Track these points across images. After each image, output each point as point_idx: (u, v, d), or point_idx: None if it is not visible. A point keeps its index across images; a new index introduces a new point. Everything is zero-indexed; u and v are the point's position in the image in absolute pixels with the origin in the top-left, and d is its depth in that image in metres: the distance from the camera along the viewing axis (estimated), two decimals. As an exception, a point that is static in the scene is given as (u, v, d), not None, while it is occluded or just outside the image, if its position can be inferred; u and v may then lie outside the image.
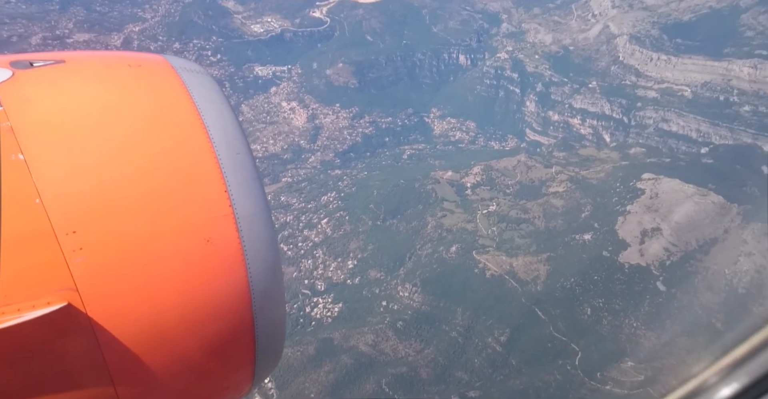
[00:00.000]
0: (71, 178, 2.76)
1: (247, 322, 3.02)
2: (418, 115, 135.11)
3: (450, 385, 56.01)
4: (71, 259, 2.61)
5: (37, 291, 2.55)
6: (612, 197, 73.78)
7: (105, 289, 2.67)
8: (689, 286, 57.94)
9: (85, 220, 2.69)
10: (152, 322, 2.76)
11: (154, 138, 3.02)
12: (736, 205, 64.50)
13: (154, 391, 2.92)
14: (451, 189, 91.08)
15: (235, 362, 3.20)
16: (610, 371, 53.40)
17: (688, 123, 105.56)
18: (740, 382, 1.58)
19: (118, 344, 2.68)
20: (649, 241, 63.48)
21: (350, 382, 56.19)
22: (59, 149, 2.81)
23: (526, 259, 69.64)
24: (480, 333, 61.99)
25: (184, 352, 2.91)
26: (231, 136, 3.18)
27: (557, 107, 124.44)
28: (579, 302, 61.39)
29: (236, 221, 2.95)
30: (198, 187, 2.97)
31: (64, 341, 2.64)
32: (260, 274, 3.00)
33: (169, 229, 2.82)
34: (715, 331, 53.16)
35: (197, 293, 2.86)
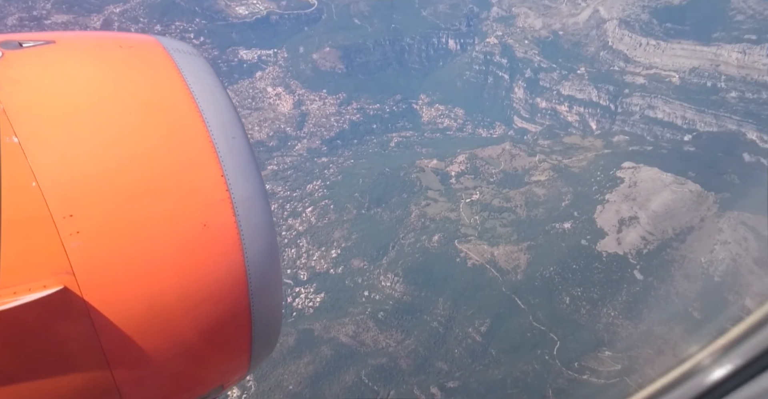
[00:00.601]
0: (67, 161, 2.70)
1: (243, 306, 3.00)
2: (407, 102, 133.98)
3: (430, 375, 56.45)
4: (68, 243, 2.57)
5: (33, 274, 2.52)
6: (592, 186, 73.82)
7: (102, 273, 2.64)
8: (666, 275, 58.39)
9: (82, 203, 2.64)
10: (149, 306, 2.73)
11: (148, 122, 2.96)
12: (713, 193, 64.73)
13: (151, 374, 2.90)
14: (435, 178, 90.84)
15: (231, 347, 3.19)
16: (588, 361, 54.02)
17: (674, 110, 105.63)
18: (733, 364, 1.68)
19: (115, 328, 2.65)
20: (626, 229, 63.72)
21: (329, 374, 56.46)
22: (53, 132, 2.75)
23: (507, 248, 69.79)
24: (460, 323, 62.33)
25: (180, 337, 2.88)
26: (226, 120, 3.13)
27: (545, 94, 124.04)
28: (558, 291, 61.77)
29: (233, 206, 2.92)
30: (194, 171, 2.93)
31: (60, 325, 2.61)
32: (257, 259, 2.97)
33: (165, 213, 2.78)
34: (692, 319, 53.75)
35: (194, 278, 2.83)
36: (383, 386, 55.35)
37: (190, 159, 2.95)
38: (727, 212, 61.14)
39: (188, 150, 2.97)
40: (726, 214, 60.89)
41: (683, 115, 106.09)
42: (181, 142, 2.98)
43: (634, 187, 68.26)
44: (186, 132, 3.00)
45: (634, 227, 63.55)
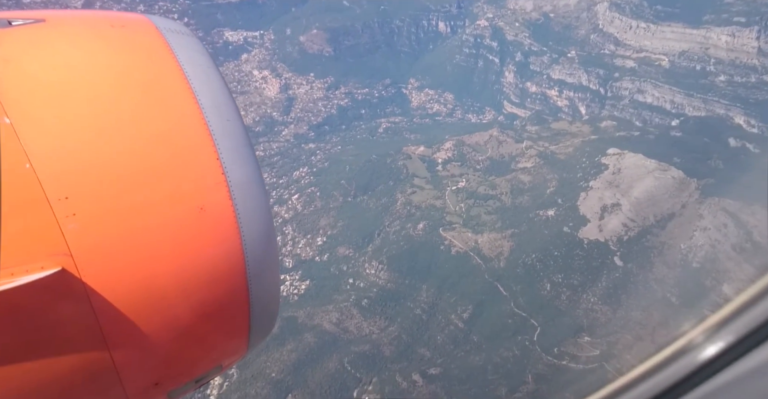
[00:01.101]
0: (60, 143, 2.67)
1: (241, 289, 3.01)
2: (396, 86, 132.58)
3: (412, 362, 57.09)
4: (64, 225, 2.55)
5: (30, 256, 2.51)
6: (577, 173, 73.86)
7: (99, 255, 2.63)
8: (645, 261, 58.88)
9: (77, 185, 2.62)
10: (146, 288, 2.73)
11: (141, 104, 2.91)
12: (696, 179, 64.91)
13: (149, 355, 2.92)
14: (422, 165, 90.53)
15: (230, 328, 3.21)
16: (567, 346, 54.75)
17: (663, 94, 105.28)
18: (725, 341, 1.71)
19: (113, 309, 2.65)
20: (608, 216, 63.98)
21: (313, 361, 56.95)
22: (46, 113, 2.71)
23: (491, 236, 70.04)
24: (444, 310, 62.84)
25: (178, 319, 2.89)
26: (220, 102, 3.09)
27: (535, 78, 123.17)
28: (539, 278, 62.26)
29: (229, 189, 2.90)
30: (189, 154, 2.89)
31: (58, 306, 2.60)
32: (254, 242, 2.98)
33: (161, 196, 2.77)
34: (670, 305, 54.41)
35: (191, 261, 2.83)
36: (366, 373, 55.97)
37: (185, 142, 2.91)
38: (709, 198, 61.41)
39: (182, 133, 2.92)
40: (707, 200, 61.17)
41: (672, 99, 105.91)
42: (175, 124, 2.93)
43: (618, 174, 68.33)
44: (180, 114, 2.96)
45: (616, 214, 63.81)
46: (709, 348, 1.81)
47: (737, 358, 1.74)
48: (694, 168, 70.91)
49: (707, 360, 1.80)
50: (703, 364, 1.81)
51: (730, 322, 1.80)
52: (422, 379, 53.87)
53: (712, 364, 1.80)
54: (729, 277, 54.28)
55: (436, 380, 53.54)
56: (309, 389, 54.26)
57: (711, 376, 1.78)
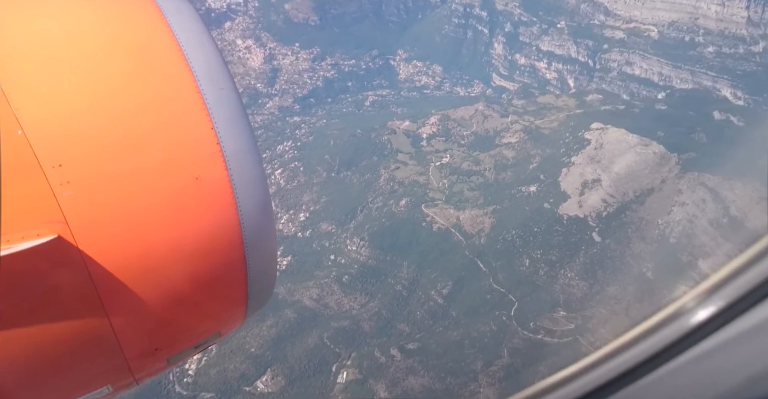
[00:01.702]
0: (52, 109, 2.61)
1: (238, 258, 3.01)
2: (384, 58, 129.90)
3: (391, 337, 57.81)
4: (59, 192, 2.53)
5: (25, 223, 2.50)
6: (560, 148, 73.39)
7: (95, 223, 2.61)
8: (623, 237, 59.27)
9: (71, 153, 2.58)
10: (143, 256, 2.73)
11: (133, 70, 2.83)
12: (676, 154, 64.69)
13: (147, 322, 2.93)
14: (407, 140, 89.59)
15: (227, 297, 3.23)
16: (543, 321, 55.59)
17: (651, 66, 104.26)
18: (716, 306, 1.78)
19: (110, 277, 2.66)
20: (588, 192, 63.94)
21: (292, 337, 57.49)
22: (36, 78, 2.65)
23: (472, 212, 70.02)
24: (424, 286, 63.32)
25: (175, 287, 2.90)
26: (214, 70, 3.01)
27: (525, 50, 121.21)
28: (518, 254, 62.63)
29: (225, 159, 2.86)
30: (183, 123, 2.84)
31: (55, 272, 2.61)
32: (250, 212, 2.96)
33: (155, 165, 2.74)
34: (645, 280, 55.10)
35: (187, 230, 2.82)
36: (345, 348, 56.68)
37: (178, 110, 2.85)
38: (688, 173, 61.40)
39: (176, 101, 2.86)
40: (687, 175, 61.17)
41: (660, 71, 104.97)
42: (168, 92, 2.87)
43: (600, 149, 67.94)
44: (172, 82, 2.88)
45: (596, 190, 63.75)
46: (701, 312, 1.83)
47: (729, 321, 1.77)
48: (677, 142, 70.65)
49: (699, 324, 1.83)
50: (695, 327, 1.83)
51: (722, 287, 1.82)
52: (400, 354, 54.70)
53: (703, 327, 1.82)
54: (705, 252, 54.86)
55: (414, 355, 54.39)
56: (288, 364, 54.99)
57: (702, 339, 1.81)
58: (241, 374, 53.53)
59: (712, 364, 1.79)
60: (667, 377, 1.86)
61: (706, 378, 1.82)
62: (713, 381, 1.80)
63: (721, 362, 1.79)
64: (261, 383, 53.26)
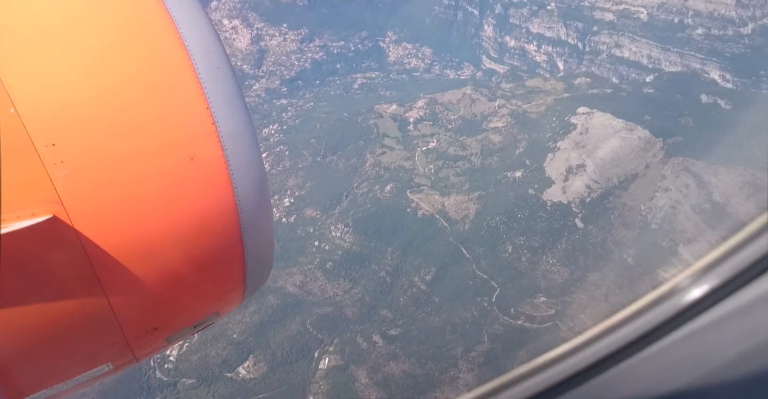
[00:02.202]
0: (45, 87, 2.58)
1: (235, 238, 3.00)
2: (373, 39, 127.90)
3: (374, 323, 57.97)
4: (53, 172, 2.51)
5: (20, 203, 2.49)
6: (547, 133, 72.84)
7: (90, 203, 2.60)
8: (605, 223, 59.32)
9: (64, 132, 2.56)
10: (139, 236, 2.72)
11: (126, 49, 2.78)
12: (661, 139, 64.39)
13: (146, 302, 2.93)
14: (393, 124, 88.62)
15: (225, 277, 3.23)
16: (524, 307, 55.89)
17: (640, 48, 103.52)
18: (710, 284, 1.83)
19: (107, 257, 2.66)
20: (572, 178, 63.70)
21: (275, 323, 57.48)
22: (29, 56, 2.61)
23: (458, 198, 69.70)
24: (407, 272, 63.30)
25: (172, 267, 2.90)
26: (210, 49, 2.95)
27: (515, 32, 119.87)
28: (502, 240, 62.63)
29: (220, 139, 2.84)
30: (178, 103, 2.81)
31: (52, 252, 2.61)
32: (247, 192, 2.94)
33: (150, 145, 2.71)
34: (626, 266, 55.37)
35: (183, 210, 2.81)
36: (327, 334, 56.82)
37: (173, 90, 2.81)
38: (672, 158, 61.22)
39: (170, 80, 2.81)
40: (671, 160, 60.99)
41: (649, 53, 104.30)
42: (163, 71, 2.81)
43: (585, 134, 67.46)
44: (167, 61, 2.82)
45: (580, 176, 63.51)
46: (694, 291, 1.87)
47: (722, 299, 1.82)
48: (664, 126, 70.32)
49: (691, 302, 1.87)
50: (687, 306, 1.88)
51: (716, 266, 1.85)
52: (382, 340, 54.94)
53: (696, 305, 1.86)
54: (686, 238, 55.06)
55: (396, 341, 54.65)
56: (270, 350, 55.10)
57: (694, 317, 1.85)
58: (223, 360, 53.59)
59: (703, 342, 1.82)
60: (658, 354, 1.87)
61: (697, 355, 1.83)
62: (704, 357, 1.82)
63: (712, 339, 1.81)
64: (243, 369, 53.41)
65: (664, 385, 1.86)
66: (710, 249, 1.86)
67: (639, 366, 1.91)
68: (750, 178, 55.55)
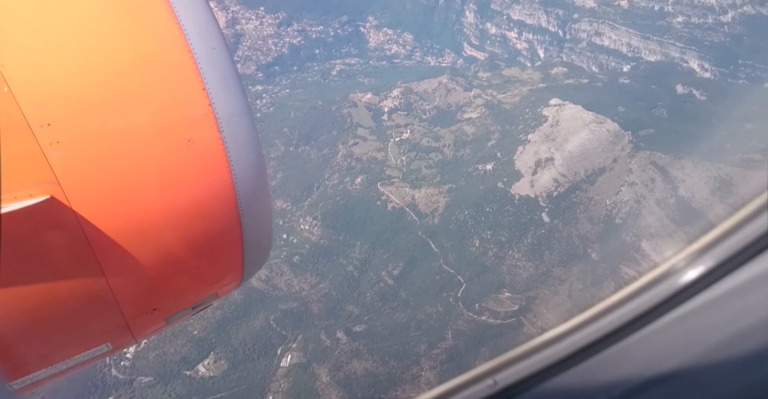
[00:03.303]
0: (39, 67, 2.54)
1: (233, 220, 2.99)
2: (353, 24, 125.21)
3: (340, 319, 57.45)
4: (49, 152, 2.49)
5: (17, 183, 2.46)
6: (519, 124, 71.92)
7: (87, 184, 2.59)
8: (571, 218, 58.96)
9: (59, 112, 2.52)
10: (137, 217, 2.71)
11: (122, 29, 2.73)
12: (630, 132, 63.73)
13: (144, 283, 2.92)
14: (368, 113, 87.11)
15: (223, 259, 3.21)
16: (488, 302, 55.66)
17: (620, 36, 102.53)
18: (706, 265, 1.88)
19: (106, 238, 2.65)
20: (541, 171, 63.08)
21: (237, 319, 56.66)
22: (24, 35, 2.56)
23: (428, 191, 68.88)
24: (375, 266, 62.67)
25: (170, 248, 2.89)
26: (205, 29, 2.91)
27: (496, 18, 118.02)
28: (470, 235, 62.11)
29: (217, 121, 2.81)
30: (173, 84, 2.77)
31: (50, 233, 2.61)
32: (244, 174, 2.92)
33: (146, 127, 2.68)
34: (589, 260, 55.21)
35: (180, 192, 2.80)
36: (291, 331, 56.19)
37: (169, 70, 2.77)
38: (640, 152, 60.75)
39: (166, 60, 2.77)
40: (638, 154, 60.52)
41: (629, 42, 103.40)
42: (158, 51, 2.76)
43: (555, 127, 66.64)
44: (163, 40, 2.78)
45: (548, 169, 62.88)
46: (689, 272, 1.89)
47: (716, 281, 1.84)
48: (638, 117, 69.74)
49: (686, 283, 1.89)
50: (682, 287, 1.89)
51: (712, 248, 1.87)
52: (346, 337, 54.46)
53: (690, 287, 1.88)
54: (649, 233, 54.94)
55: (360, 338, 54.20)
56: (232, 347, 54.38)
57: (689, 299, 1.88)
58: (182, 358, 52.71)
59: (697, 322, 1.86)
60: (654, 335, 1.90)
61: (692, 335, 1.87)
62: (698, 338, 1.86)
63: (706, 320, 1.85)
64: (203, 367, 52.61)
65: (659, 366, 1.86)
66: (706, 231, 1.85)
67: (635, 346, 1.91)
68: (716, 172, 55.34)
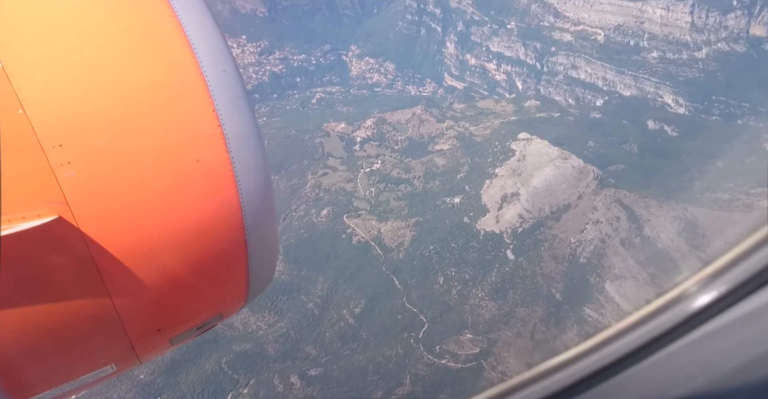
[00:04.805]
0: (54, 89, 2.57)
1: (239, 241, 2.98)
2: (336, 53, 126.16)
3: (296, 361, 54.85)
4: (59, 173, 2.51)
5: (26, 203, 2.47)
6: (488, 158, 71.31)
7: (96, 204, 2.58)
8: (535, 255, 57.61)
9: (72, 133, 2.54)
10: (144, 238, 2.71)
11: (135, 51, 2.79)
12: (595, 167, 63.10)
13: (150, 303, 2.92)
14: (340, 143, 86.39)
15: (228, 280, 3.21)
16: (449, 344, 53.54)
17: (596, 70, 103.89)
18: (719, 290, 1.84)
19: (112, 258, 2.64)
20: (506, 206, 62.05)
21: (188, 362, 53.84)
22: (38, 57, 2.61)
23: (395, 224, 67.43)
24: (337, 304, 60.51)
25: (177, 269, 2.88)
26: (216, 52, 2.95)
27: (475, 50, 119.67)
28: (434, 271, 60.46)
29: (226, 141, 2.82)
30: (184, 105, 2.80)
31: (57, 253, 2.60)
32: (251, 195, 2.92)
33: (156, 147, 2.70)
34: (553, 301, 53.55)
35: (188, 212, 2.79)
36: (244, 374, 53.45)
37: (180, 91, 2.80)
38: (605, 189, 60.01)
39: (177, 82, 2.81)
40: (603, 191, 59.76)
41: (604, 76, 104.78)
42: (170, 73, 2.81)
43: (522, 161, 66.02)
44: (174, 63, 2.82)
45: (514, 204, 61.88)
46: (700, 298, 1.84)
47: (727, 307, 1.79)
48: (607, 152, 69.41)
49: (697, 310, 1.83)
50: (694, 313, 1.86)
51: (722, 274, 1.82)
52: (300, 381, 51.83)
53: (702, 313, 1.82)
54: (613, 274, 53.64)
55: (315, 382, 51.62)
56: (180, 393, 51.49)
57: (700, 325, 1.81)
58: (125, 405, 49.78)
59: (709, 349, 1.83)
60: (665, 361, 1.88)
61: (703, 362, 1.85)
62: (710, 365, 1.83)
63: (718, 347, 1.82)
64: (146, 415, 49.70)
65: (670, 393, 1.84)
66: (718, 255, 1.79)
67: (646, 372, 1.88)
68: (682, 212, 54.55)
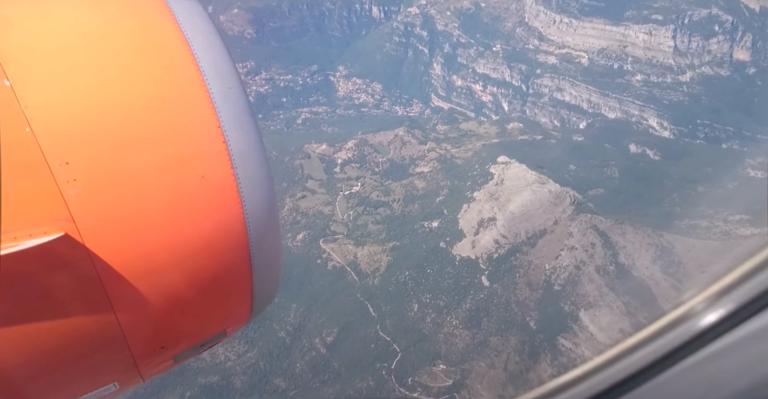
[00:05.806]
0: (61, 107, 2.59)
1: (243, 258, 2.97)
2: (323, 73, 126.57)
3: (263, 395, 52.72)
4: (65, 190, 2.52)
5: (32, 221, 2.48)
6: (467, 181, 70.55)
7: (101, 221, 2.58)
8: (510, 282, 56.34)
9: (78, 151, 2.56)
10: (149, 255, 2.69)
11: (142, 69, 2.81)
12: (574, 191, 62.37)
13: (154, 320, 2.91)
14: (320, 165, 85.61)
15: (232, 297, 3.20)
16: (422, 376, 51.78)
17: (580, 93, 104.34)
18: (726, 309, 1.82)
19: (116, 274, 2.63)
20: (483, 231, 61.01)
21: (150, 395, 51.65)
22: (46, 76, 2.63)
23: (372, 249, 66.12)
24: (309, 332, 58.71)
25: (182, 286, 2.85)
26: (222, 69, 2.97)
27: (462, 71, 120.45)
28: (409, 298, 58.99)
29: (231, 158, 2.83)
30: (190, 122, 2.81)
31: (63, 270, 2.59)
32: (256, 211, 2.93)
33: (161, 163, 2.70)
34: (527, 330, 52.06)
35: (193, 228, 2.78)
36: (208, 408, 51.29)
37: (186, 109, 2.81)
38: (581, 215, 59.15)
39: (183, 99, 2.83)
40: (579, 217, 58.89)
41: (589, 98, 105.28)
42: (176, 90, 2.84)
43: (500, 185, 65.28)
44: (180, 81, 2.85)
45: (490, 230, 60.86)
46: (708, 316, 1.80)
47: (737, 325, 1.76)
48: (587, 176, 68.79)
49: (706, 327, 1.81)
50: (702, 331, 1.83)
51: (731, 291, 1.79)
52: (266, 416, 49.78)
53: (710, 331, 1.80)
54: (587, 302, 52.35)
55: (280, 417, 49.57)
56: (138, 430, 49.23)
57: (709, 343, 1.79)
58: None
59: (715, 369, 1.81)
60: (672, 380, 1.86)
61: (711, 381, 1.83)
62: (717, 384, 1.81)
63: (726, 366, 1.80)
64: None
65: None
66: (726, 272, 1.74)
67: (651, 393, 1.86)
68: (658, 240, 53.62)
